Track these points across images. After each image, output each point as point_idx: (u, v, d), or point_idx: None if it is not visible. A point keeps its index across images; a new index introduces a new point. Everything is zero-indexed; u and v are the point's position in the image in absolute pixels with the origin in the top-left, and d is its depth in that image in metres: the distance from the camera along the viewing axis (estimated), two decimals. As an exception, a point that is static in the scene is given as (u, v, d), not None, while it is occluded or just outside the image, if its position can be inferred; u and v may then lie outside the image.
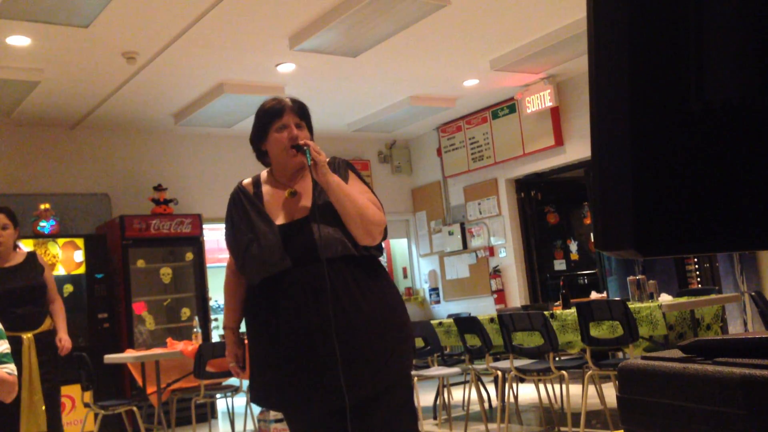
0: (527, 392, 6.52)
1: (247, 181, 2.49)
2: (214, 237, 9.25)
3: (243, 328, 2.52)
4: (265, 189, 2.42)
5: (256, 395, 2.38)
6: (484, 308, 8.52)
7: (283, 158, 2.37)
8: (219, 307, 9.54)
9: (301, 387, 2.21)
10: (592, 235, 8.44)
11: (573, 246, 8.47)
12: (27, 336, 4.33)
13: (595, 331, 4.58)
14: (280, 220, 2.33)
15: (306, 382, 2.20)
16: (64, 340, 4.58)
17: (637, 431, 0.95)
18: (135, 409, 5.66)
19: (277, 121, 2.37)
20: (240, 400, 6.43)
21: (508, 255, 8.64)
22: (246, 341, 2.48)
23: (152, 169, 8.03)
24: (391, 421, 2.25)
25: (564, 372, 4.63)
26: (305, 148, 2.28)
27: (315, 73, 6.73)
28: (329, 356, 2.16)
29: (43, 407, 4.25)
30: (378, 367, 2.21)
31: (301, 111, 2.42)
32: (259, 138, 2.43)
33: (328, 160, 2.37)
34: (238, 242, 2.34)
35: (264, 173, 2.50)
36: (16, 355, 3.98)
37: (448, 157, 9.23)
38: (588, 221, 8.31)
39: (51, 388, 4.46)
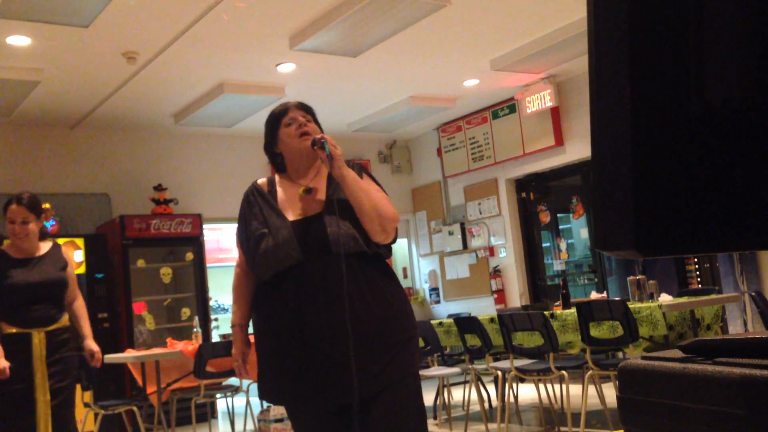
0: (527, 392, 6.52)
1: (261, 180, 2.52)
2: (214, 237, 9.26)
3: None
4: (280, 187, 2.46)
5: (263, 391, 2.37)
6: (484, 308, 8.52)
7: (296, 147, 2.41)
8: (219, 306, 9.55)
9: (306, 383, 2.21)
10: (582, 232, 8.43)
11: (563, 245, 8.43)
12: (38, 333, 3.89)
13: (595, 331, 4.58)
14: (293, 216, 2.34)
15: (311, 378, 2.20)
16: (96, 351, 4.13)
17: (637, 431, 0.95)
18: (135, 409, 5.66)
19: (284, 118, 2.43)
20: (240, 400, 6.43)
21: (508, 255, 8.64)
22: (252, 339, 2.47)
23: (152, 169, 8.03)
24: (393, 420, 2.24)
25: (564, 372, 4.63)
26: (323, 141, 2.30)
27: (315, 73, 6.73)
28: (336, 352, 2.16)
29: (49, 413, 3.84)
30: (381, 365, 2.21)
31: (305, 108, 2.49)
32: (271, 141, 2.48)
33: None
34: (251, 238, 2.35)
35: (279, 175, 2.53)
36: (25, 353, 3.81)
37: (448, 157, 9.23)
38: (576, 217, 8.26)
39: (60, 394, 3.90)
